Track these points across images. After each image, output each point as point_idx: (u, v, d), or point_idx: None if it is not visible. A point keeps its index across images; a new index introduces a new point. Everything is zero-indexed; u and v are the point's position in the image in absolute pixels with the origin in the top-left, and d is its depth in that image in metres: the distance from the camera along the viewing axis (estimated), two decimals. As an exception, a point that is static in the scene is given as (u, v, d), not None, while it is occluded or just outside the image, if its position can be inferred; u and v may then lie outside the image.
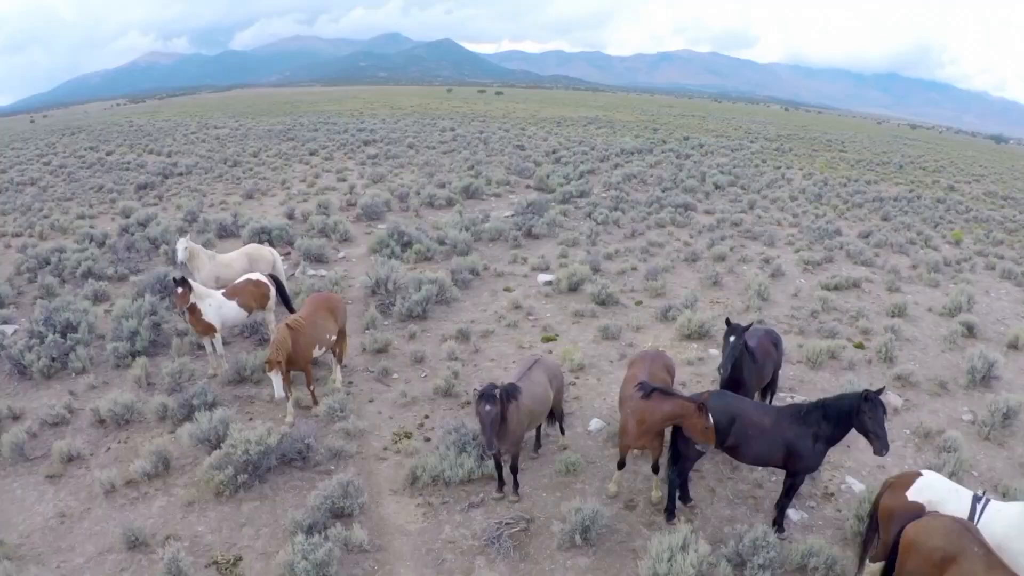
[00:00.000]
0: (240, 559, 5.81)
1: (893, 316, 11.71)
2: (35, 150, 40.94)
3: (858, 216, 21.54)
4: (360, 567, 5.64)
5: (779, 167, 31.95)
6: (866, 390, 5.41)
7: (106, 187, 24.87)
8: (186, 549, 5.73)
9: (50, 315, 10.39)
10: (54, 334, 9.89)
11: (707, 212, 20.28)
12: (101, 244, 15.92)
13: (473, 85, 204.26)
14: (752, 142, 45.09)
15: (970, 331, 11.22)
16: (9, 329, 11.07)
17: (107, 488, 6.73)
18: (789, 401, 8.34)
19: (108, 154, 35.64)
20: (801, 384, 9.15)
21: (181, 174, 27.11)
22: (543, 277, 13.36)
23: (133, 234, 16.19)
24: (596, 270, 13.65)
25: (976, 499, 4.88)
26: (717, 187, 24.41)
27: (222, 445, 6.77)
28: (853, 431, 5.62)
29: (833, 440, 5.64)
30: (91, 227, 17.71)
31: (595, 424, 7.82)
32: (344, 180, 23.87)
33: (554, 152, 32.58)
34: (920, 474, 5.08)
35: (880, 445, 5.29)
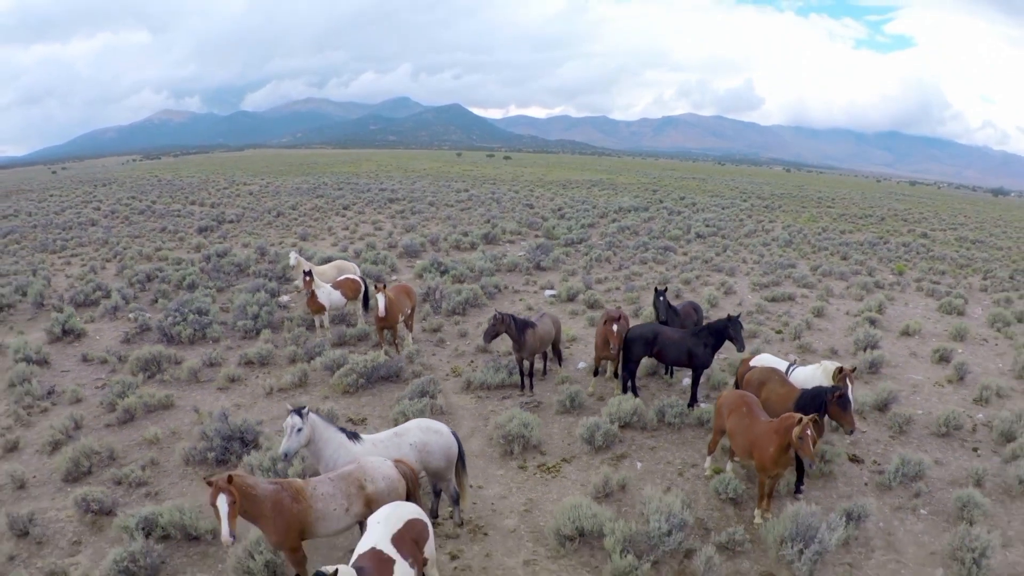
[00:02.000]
0: (365, 419, 10.09)
1: (812, 315, 16.11)
2: (76, 198, 46.58)
3: (820, 257, 26.19)
4: (441, 420, 9.90)
5: (761, 220, 37.02)
6: (729, 315, 9.87)
7: (168, 228, 29.96)
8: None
9: (180, 306, 14.97)
10: (192, 314, 14.42)
11: (684, 254, 25.07)
12: (191, 265, 20.73)
13: (482, 149, 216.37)
14: (744, 200, 50.54)
15: (872, 324, 15.55)
16: (145, 315, 15.64)
17: (267, 391, 11.11)
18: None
19: (152, 203, 41.10)
20: (729, 350, 13.43)
21: (232, 221, 32.34)
22: (548, 292, 17.99)
23: (220, 260, 21.01)
24: (588, 288, 18.23)
25: (790, 365, 9.23)
26: (699, 236, 29.33)
27: (343, 367, 11.16)
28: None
29: (716, 346, 10.01)
30: (178, 257, 22.60)
31: (581, 364, 12.33)
32: (380, 229, 29.03)
33: (559, 210, 37.93)
34: (759, 354, 9.45)
35: (739, 345, 9.69)
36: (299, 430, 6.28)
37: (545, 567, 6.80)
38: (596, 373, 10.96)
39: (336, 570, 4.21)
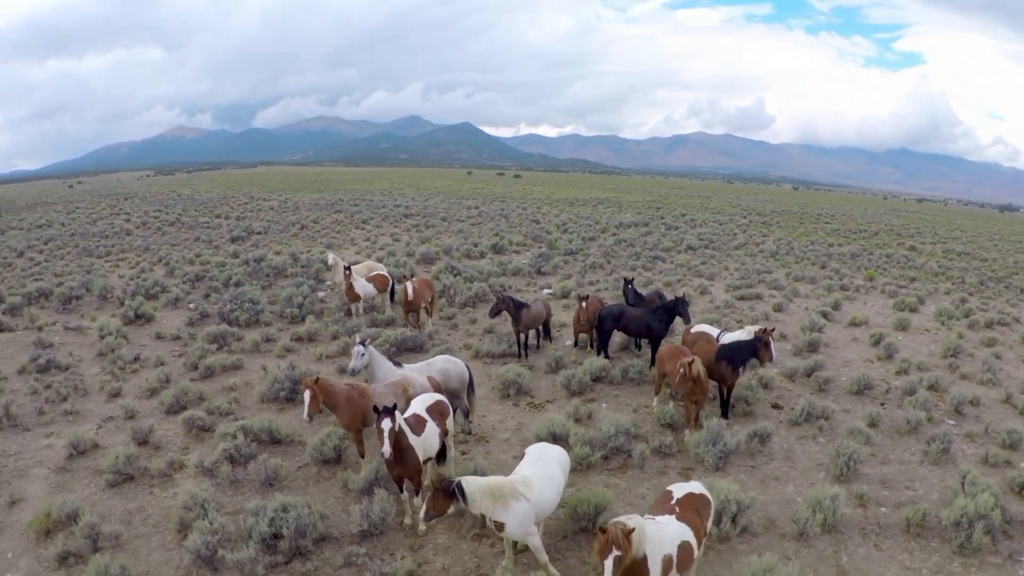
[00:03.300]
0: (396, 376, 13.18)
1: (772, 309, 19.05)
2: (103, 209, 50.18)
3: (800, 266, 29.01)
4: (454, 375, 13.01)
5: (754, 235, 39.92)
6: (676, 296, 12.93)
7: (202, 238, 33.31)
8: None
9: (234, 296, 18.22)
10: (246, 303, 17.65)
11: (672, 263, 28.12)
12: (235, 267, 24.04)
13: (492, 168, 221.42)
14: (744, 217, 53.42)
15: (825, 316, 18.44)
16: (203, 305, 18.84)
17: (317, 357, 14.26)
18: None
19: (179, 216, 44.46)
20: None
21: (259, 233, 35.78)
22: (546, 291, 21.20)
23: (258, 264, 24.35)
24: (580, 287, 21.33)
25: (720, 331, 12.25)
26: (690, 248, 32.36)
27: (378, 339, 14.30)
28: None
29: (669, 321, 13.03)
30: (220, 261, 25.95)
31: (568, 342, 15.38)
32: (398, 240, 32.41)
33: (564, 225, 41.16)
34: (698, 324, 12.49)
35: (686, 319, 12.72)
36: (362, 354, 9.41)
37: (528, 459, 9.80)
38: (575, 345, 14.07)
39: (394, 410, 7.27)
